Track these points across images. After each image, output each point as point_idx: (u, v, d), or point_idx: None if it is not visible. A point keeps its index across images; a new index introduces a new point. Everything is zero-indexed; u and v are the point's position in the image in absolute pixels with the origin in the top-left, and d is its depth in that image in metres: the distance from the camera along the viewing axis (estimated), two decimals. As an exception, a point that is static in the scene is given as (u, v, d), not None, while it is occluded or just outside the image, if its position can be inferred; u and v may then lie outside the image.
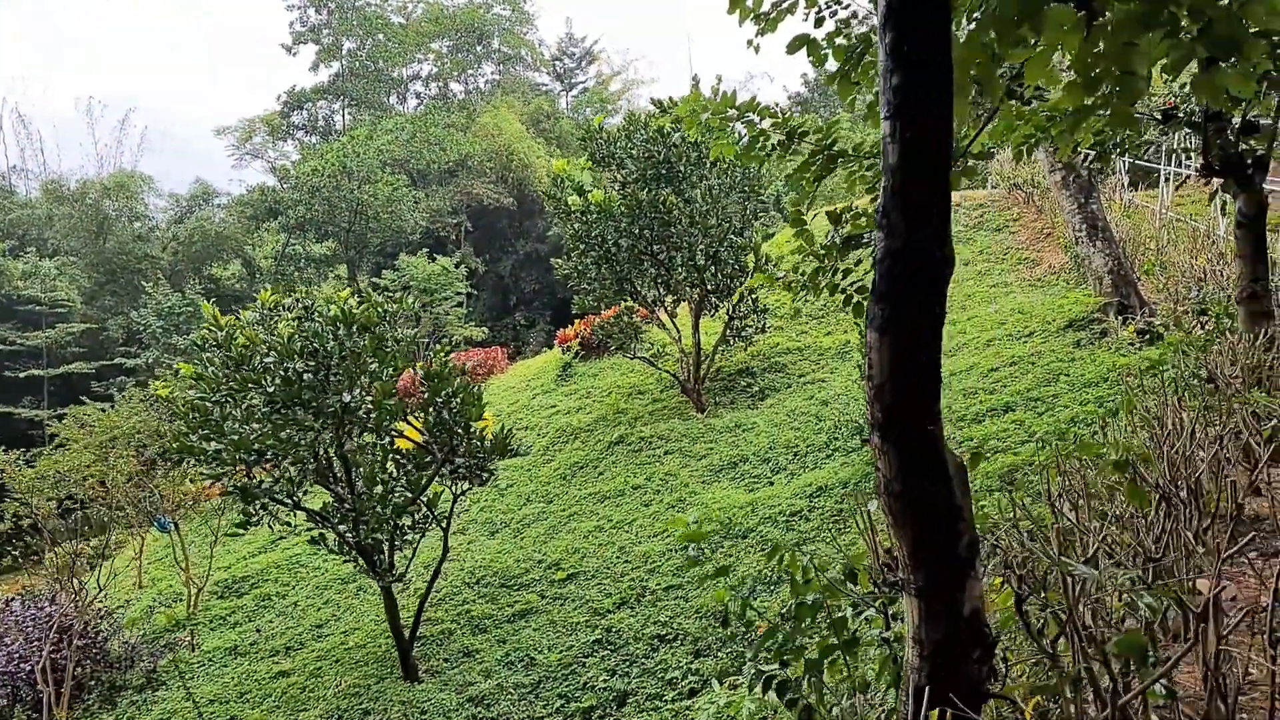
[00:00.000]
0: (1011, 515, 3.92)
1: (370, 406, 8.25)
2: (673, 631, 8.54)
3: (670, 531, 10.31)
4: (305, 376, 8.21)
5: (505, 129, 43.55)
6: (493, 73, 54.49)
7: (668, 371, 15.43)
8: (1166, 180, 15.01)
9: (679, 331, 15.48)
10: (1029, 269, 15.90)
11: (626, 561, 10.29)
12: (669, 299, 15.60)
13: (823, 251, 4.98)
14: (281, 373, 8.12)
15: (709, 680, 7.40)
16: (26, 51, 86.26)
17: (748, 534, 9.85)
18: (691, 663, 8.03)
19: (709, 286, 14.72)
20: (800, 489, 10.35)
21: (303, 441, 8.03)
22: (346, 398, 8.10)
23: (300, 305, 9.30)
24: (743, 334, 15.21)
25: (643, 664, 8.28)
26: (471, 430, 9.44)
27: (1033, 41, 3.17)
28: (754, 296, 14.97)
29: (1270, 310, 6.44)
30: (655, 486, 12.24)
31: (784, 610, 3.18)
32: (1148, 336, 10.27)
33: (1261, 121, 6.38)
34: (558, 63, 56.33)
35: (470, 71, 53.61)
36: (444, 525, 9.67)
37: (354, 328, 8.31)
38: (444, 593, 10.92)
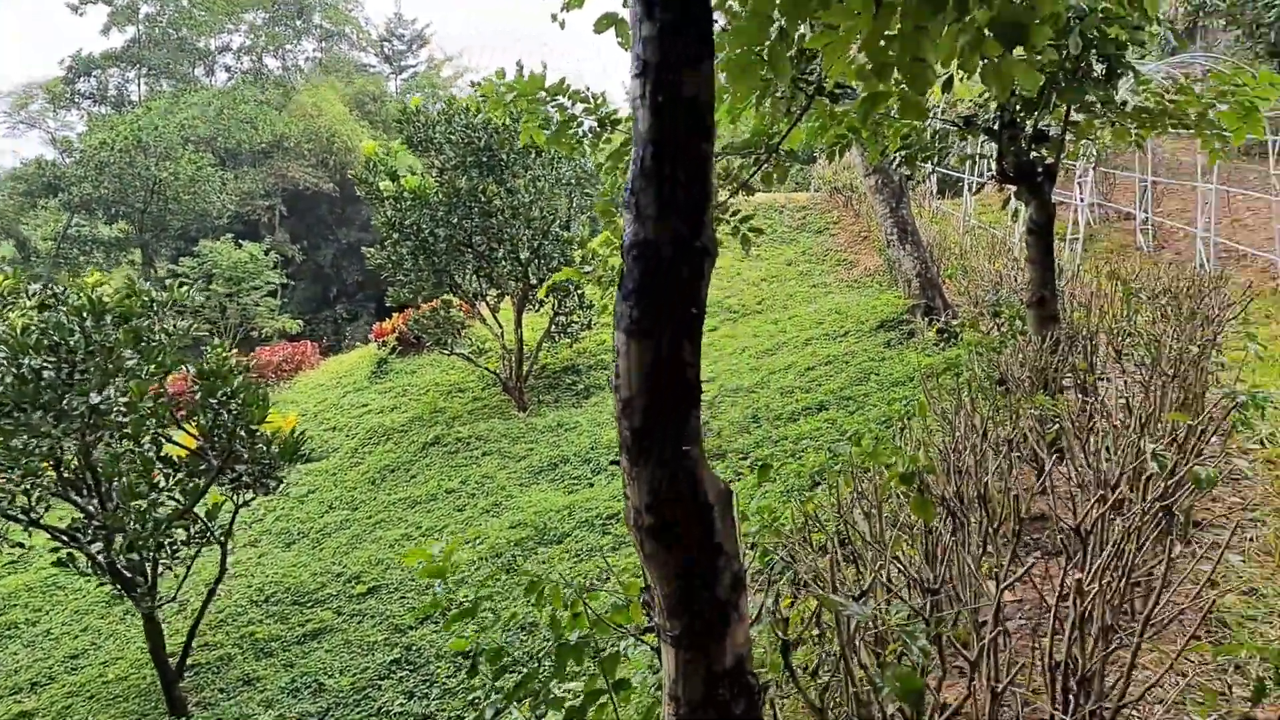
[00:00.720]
0: (803, 527, 3.73)
1: (124, 409, 7.23)
2: (478, 647, 8.03)
3: (482, 538, 9.79)
4: (45, 374, 7.08)
5: (326, 110, 41.16)
6: (314, 50, 51.44)
7: (489, 369, 14.85)
8: (969, 189, 15.95)
9: (501, 327, 14.93)
10: (847, 270, 16.47)
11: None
12: (491, 293, 15.01)
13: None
14: (14, 370, 6.97)
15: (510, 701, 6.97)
16: None
17: (563, 538, 9.49)
18: (496, 680, 7.56)
19: (533, 281, 14.26)
20: (619, 491, 10.09)
21: (39, 450, 6.92)
22: (95, 399, 7.05)
23: (49, 293, 8.06)
24: (568, 330, 14.85)
25: (444, 684, 7.74)
26: (256, 434, 8.54)
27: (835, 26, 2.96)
28: (580, 292, 14.64)
29: (1056, 314, 6.72)
30: (471, 490, 11.66)
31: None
32: (947, 337, 10.73)
33: (1050, 131, 6.63)
34: (386, 44, 53.96)
35: (288, 47, 50.33)
36: (222, 540, 8.71)
37: (106, 318, 7.25)
38: (226, 613, 9.89)
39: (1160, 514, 2.65)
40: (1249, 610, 4.09)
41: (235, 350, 9.95)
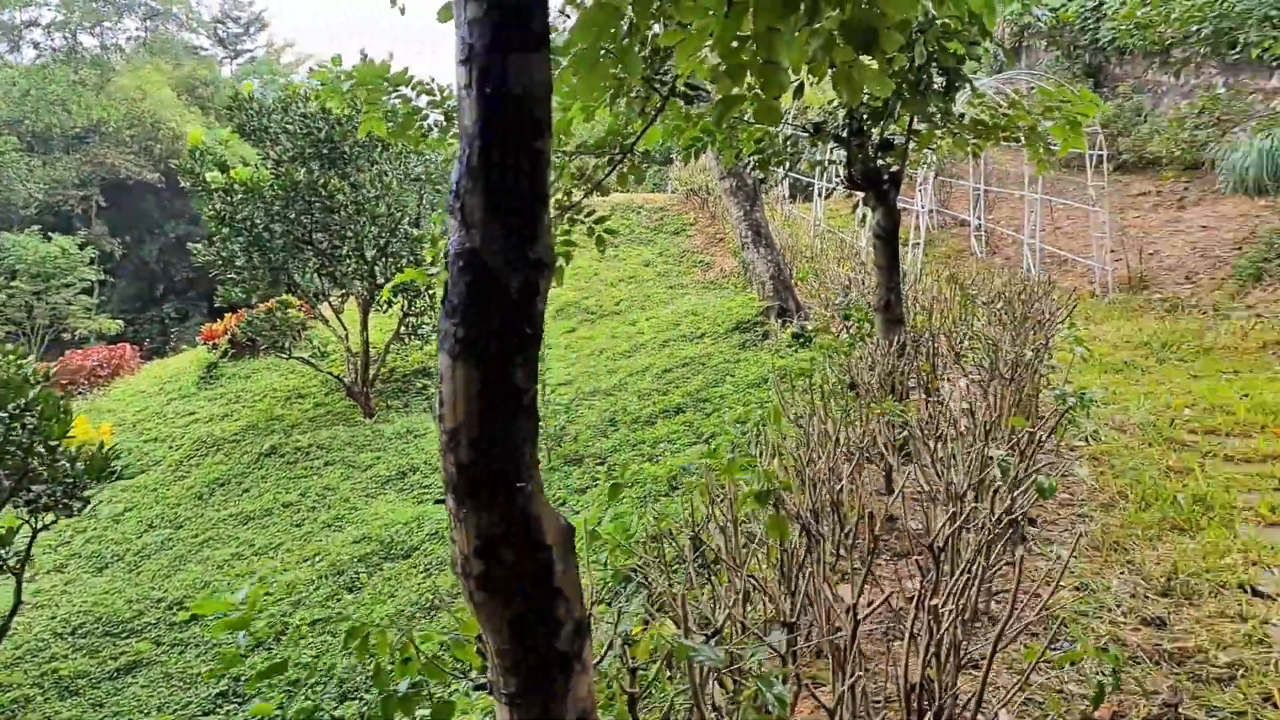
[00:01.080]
0: (658, 543, 3.59)
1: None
2: (315, 674, 7.52)
3: (322, 554, 9.21)
4: None
5: (152, 93, 38.18)
6: (137, 29, 47.62)
7: (332, 373, 14.06)
8: (820, 194, 16.49)
9: (346, 329, 14.18)
10: (704, 271, 16.67)
11: (268, 594, 9.01)
12: (335, 293, 14.24)
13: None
14: None
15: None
16: None
17: (411, 552, 9.05)
18: (335, 709, 7.10)
19: (379, 280, 13.62)
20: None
21: None
22: None
23: None
24: (419, 331, 14.28)
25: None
26: (57, 450, 7.67)
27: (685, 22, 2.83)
28: (431, 292, 14.10)
29: (901, 317, 6.93)
30: (310, 503, 10.97)
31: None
32: (801, 339, 10.98)
33: (895, 140, 6.83)
34: (220, 26, 50.68)
35: (107, 24, 46.36)
36: (17, 568, 7.78)
37: None
38: (25, 649, 8.86)
39: (1008, 526, 2.67)
40: (1082, 605, 4.29)
41: (37, 354, 8.93)
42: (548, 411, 10.20)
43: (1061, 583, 4.59)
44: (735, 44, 2.73)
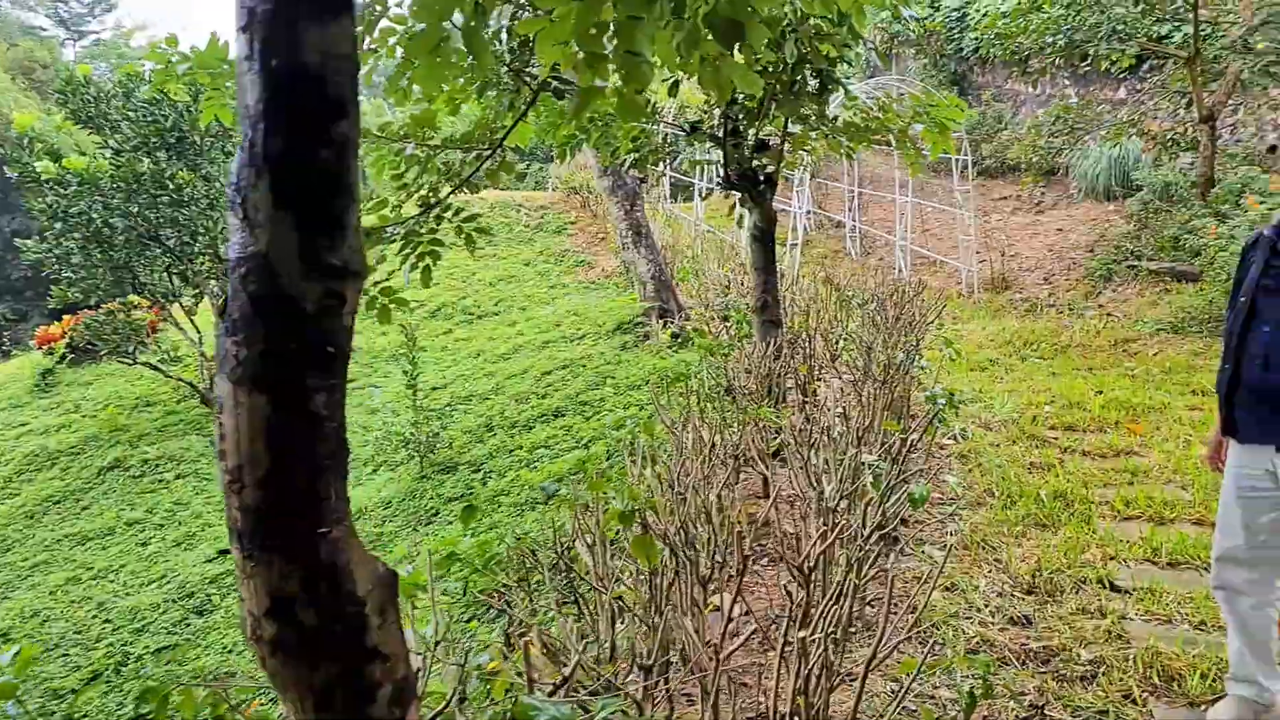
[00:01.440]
0: (521, 564, 3.37)
1: None
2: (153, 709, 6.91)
3: (170, 575, 8.55)
4: None
5: (-19, 73, 35.08)
6: (-38, 3, 43.76)
7: (184, 379, 13.14)
8: (699, 194, 16.57)
9: (200, 332, 13.28)
10: (585, 271, 16.48)
11: (107, 621, 8.28)
12: (188, 293, 13.32)
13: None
14: None
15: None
16: None
17: (271, 574, 8.49)
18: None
19: (238, 279, 12.79)
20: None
21: None
22: None
23: None
24: (282, 334, 13.51)
25: (115, 764, 6.59)
26: None
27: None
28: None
29: (779, 319, 6.93)
30: (159, 520, 10.19)
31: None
32: (680, 340, 10.94)
33: (771, 141, 6.81)
34: (61, 5, 47.10)
35: (-73, -5, 42.41)
36: None
37: None
38: None
39: (880, 540, 2.59)
40: (951, 607, 4.32)
41: None
42: (420, 417, 9.80)
43: (934, 584, 4.65)
44: (594, 32, 2.55)
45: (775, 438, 4.56)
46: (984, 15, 16.58)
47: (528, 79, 4.87)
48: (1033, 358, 10.48)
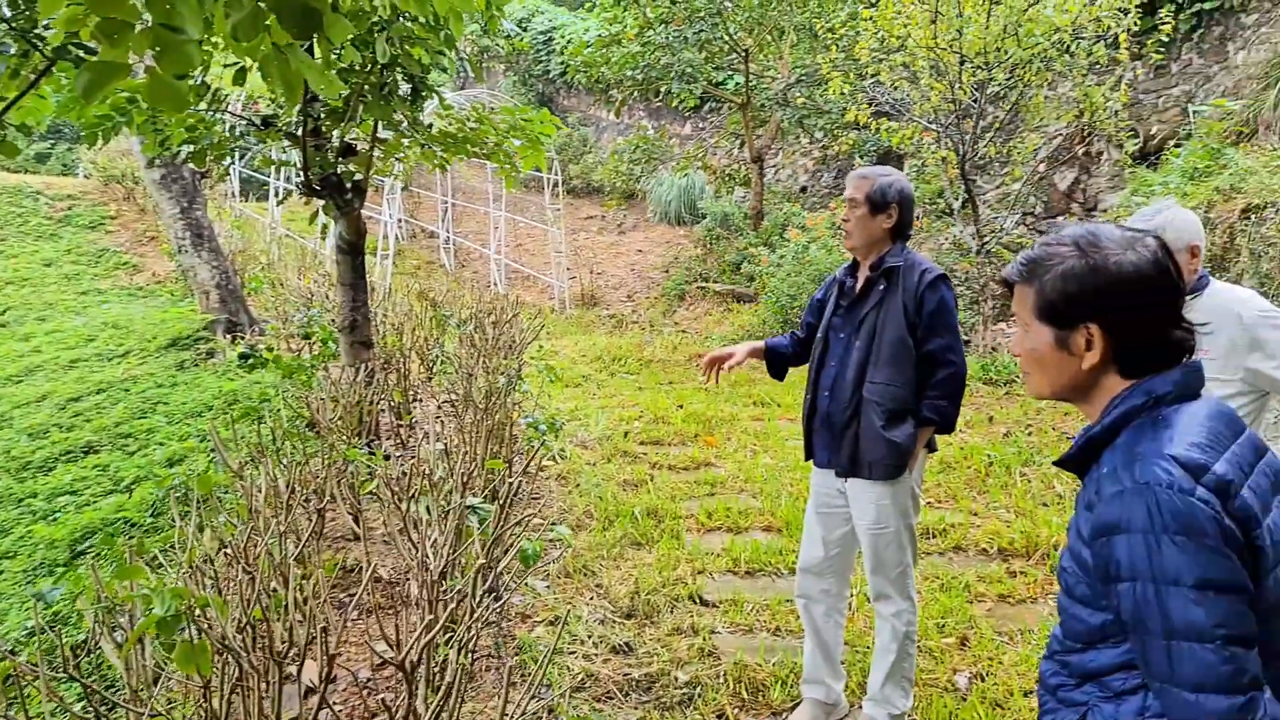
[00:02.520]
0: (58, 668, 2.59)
1: None
2: None
3: None
4: None
5: None
6: None
7: None
8: (276, 194, 15.21)
9: None
10: (130, 275, 14.23)
11: None
12: None
13: None
14: None
15: None
16: None
17: None
18: None
19: None
20: None
21: None
22: None
23: None
24: None
25: None
26: None
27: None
28: None
29: (369, 339, 6.46)
30: None
31: None
32: (250, 359, 9.84)
33: (359, 146, 6.34)
34: None
35: None
36: None
37: None
38: None
39: (489, 599, 2.36)
40: (556, 643, 4.27)
41: None
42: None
43: (538, 619, 4.57)
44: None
45: (368, 481, 4.15)
46: (569, 42, 17.49)
47: (37, 42, 3.92)
48: (621, 373, 11.16)
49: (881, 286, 3.24)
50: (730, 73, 14.96)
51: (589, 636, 4.34)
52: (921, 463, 3.36)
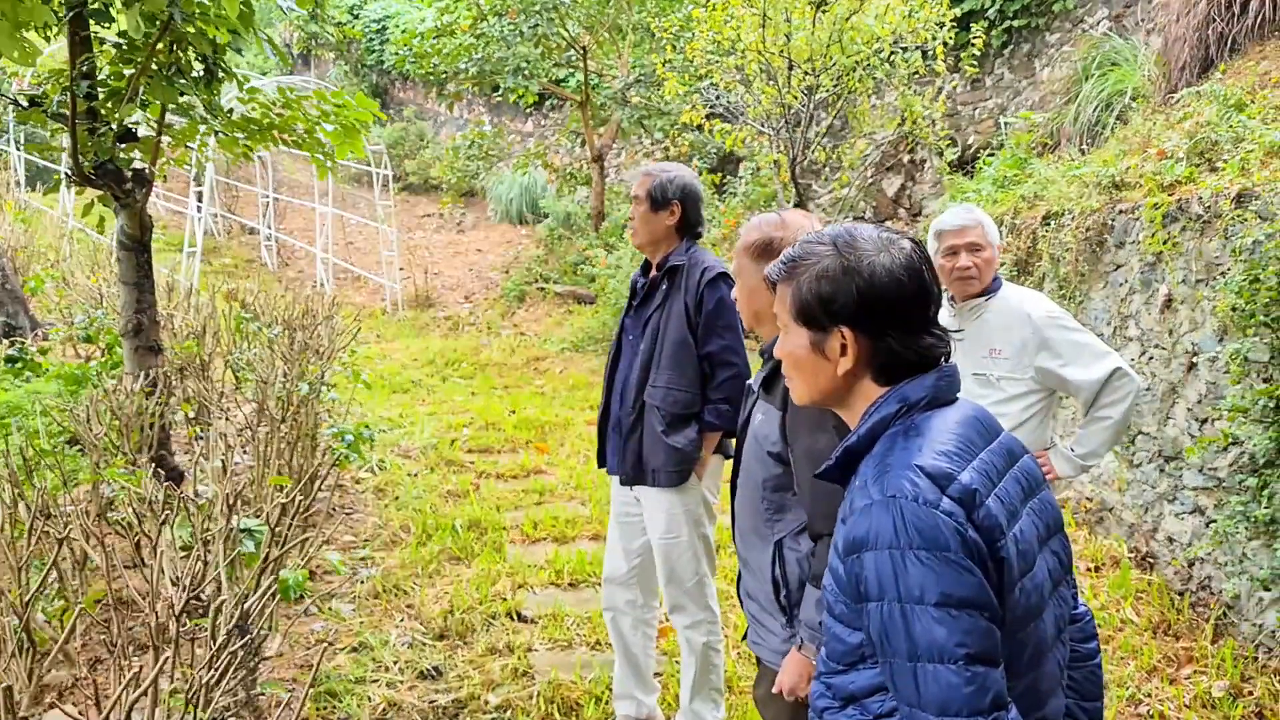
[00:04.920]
0: None
1: None
2: None
3: None
4: None
5: None
6: None
7: None
8: (67, 184, 13.90)
9: None
10: (-110, 273, 12.63)
11: None
12: None
13: None
14: None
15: None
16: None
17: None
18: None
19: None
20: None
21: None
22: None
23: None
24: None
25: None
26: None
27: None
28: None
29: (157, 345, 5.92)
30: None
31: None
32: (19, 364, 8.88)
33: (141, 131, 5.82)
34: None
35: None
36: None
37: None
38: None
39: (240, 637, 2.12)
40: (358, 671, 4.01)
41: None
42: None
43: (340, 646, 4.28)
44: None
45: (127, 511, 3.75)
46: (403, 31, 16.93)
47: None
48: (454, 378, 10.84)
49: (665, 286, 3.19)
50: (570, 70, 14.87)
51: (395, 662, 4.10)
52: (715, 470, 3.32)
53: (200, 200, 14.20)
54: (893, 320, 1.40)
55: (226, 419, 6.76)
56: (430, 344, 12.43)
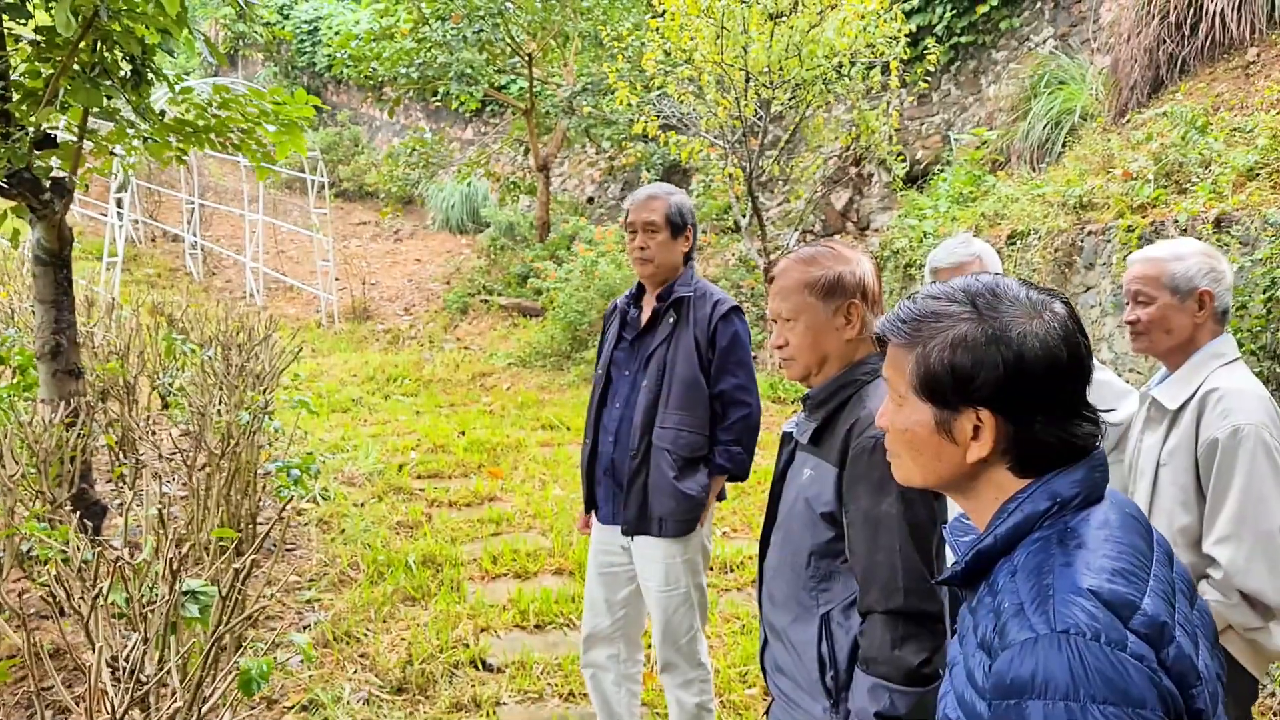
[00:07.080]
0: None
1: None
2: None
3: None
4: None
5: None
6: None
7: None
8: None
9: None
10: None
11: None
12: None
13: None
14: None
15: None
16: None
17: None
18: None
19: None
20: None
21: None
22: None
23: None
24: None
25: None
26: None
27: None
28: None
29: (77, 368, 5.45)
30: None
31: None
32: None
33: (61, 137, 5.36)
34: None
35: None
36: None
37: None
38: None
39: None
40: (312, 733, 3.66)
41: None
42: None
43: (288, 704, 3.92)
44: None
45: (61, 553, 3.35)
46: (337, 33, 16.37)
47: None
48: (397, 395, 10.41)
49: (671, 319, 2.94)
50: (513, 77, 14.54)
51: (350, 721, 3.76)
52: (711, 515, 3.09)
53: (120, 206, 13.47)
54: (1043, 402, 1.15)
55: (154, 446, 6.28)
56: (369, 358, 11.95)
